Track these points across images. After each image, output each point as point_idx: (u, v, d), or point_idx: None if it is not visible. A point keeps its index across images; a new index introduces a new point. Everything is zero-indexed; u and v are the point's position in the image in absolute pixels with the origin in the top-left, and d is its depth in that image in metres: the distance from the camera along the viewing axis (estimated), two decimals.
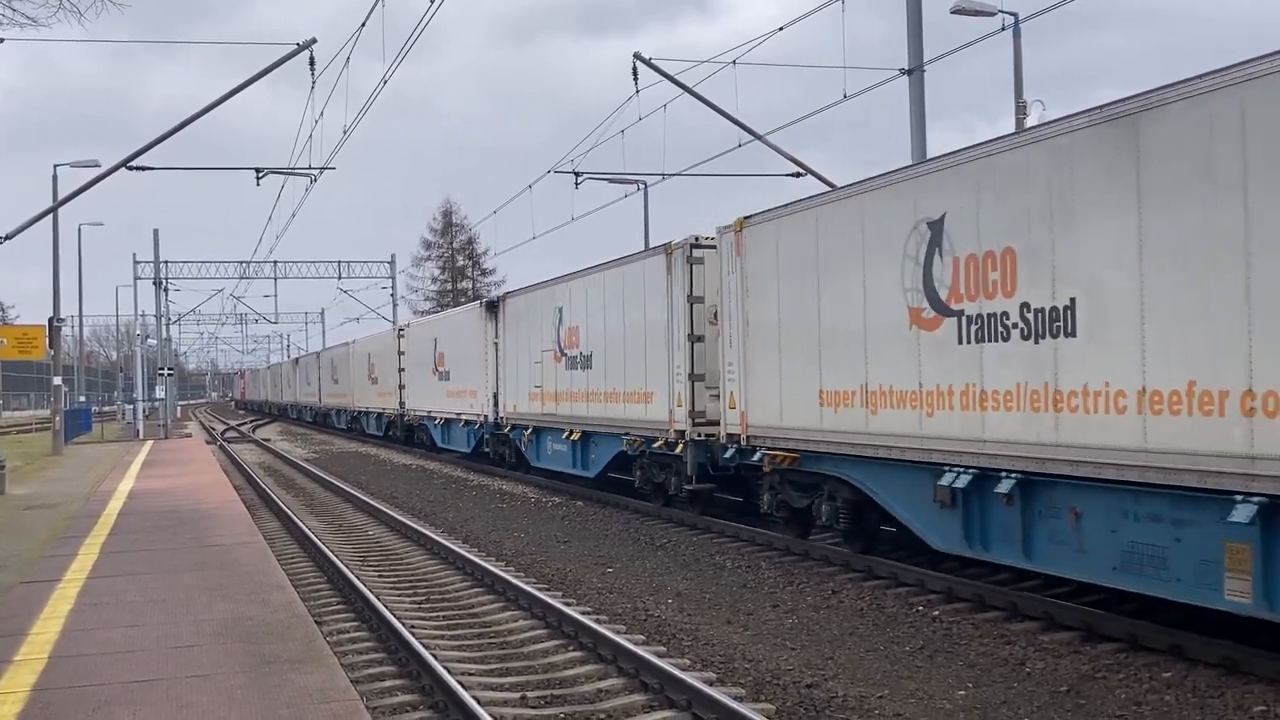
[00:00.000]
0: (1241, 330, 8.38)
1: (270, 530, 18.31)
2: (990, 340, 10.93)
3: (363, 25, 18.84)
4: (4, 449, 24.77)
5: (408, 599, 13.08)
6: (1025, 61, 19.48)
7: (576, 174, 28.31)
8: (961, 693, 8.84)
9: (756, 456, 15.32)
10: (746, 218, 15.45)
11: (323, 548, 15.64)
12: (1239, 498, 8.41)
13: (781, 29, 19.20)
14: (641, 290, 19.20)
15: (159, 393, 56.40)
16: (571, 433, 22.65)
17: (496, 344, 27.86)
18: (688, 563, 15.01)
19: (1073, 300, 9.95)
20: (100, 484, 22.95)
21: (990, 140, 11.19)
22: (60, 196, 30.85)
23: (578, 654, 10.13)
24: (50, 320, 36.10)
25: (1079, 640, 10.16)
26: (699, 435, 17.51)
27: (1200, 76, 8.77)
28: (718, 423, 16.54)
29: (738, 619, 11.62)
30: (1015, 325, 10.58)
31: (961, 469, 11.41)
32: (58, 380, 38.11)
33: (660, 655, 9.65)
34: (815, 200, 14.28)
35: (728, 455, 16.19)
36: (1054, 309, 10.13)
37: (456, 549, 15.63)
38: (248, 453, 41.29)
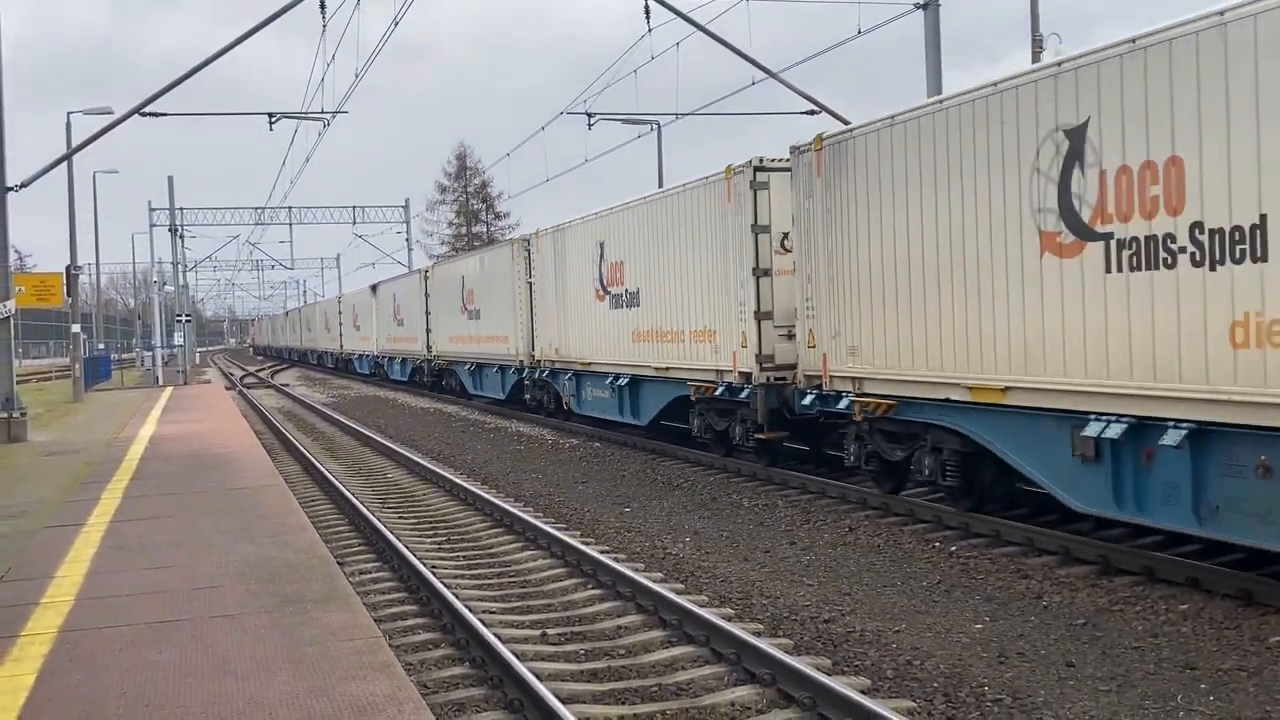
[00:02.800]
0: None
1: (291, 474, 18.45)
2: None
3: None
4: (25, 396, 24.92)
5: (428, 540, 13.20)
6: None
7: (589, 114, 28.11)
8: (979, 626, 8.90)
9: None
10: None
11: (343, 490, 15.77)
12: None
13: None
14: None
15: (177, 339, 56.64)
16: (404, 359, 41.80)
17: (375, 311, 46.60)
18: (705, 502, 15.09)
19: None
20: (121, 430, 23.11)
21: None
22: (73, 145, 30.78)
23: (596, 592, 10.22)
24: (68, 268, 36.13)
25: (1096, 574, 10.19)
26: None
27: None
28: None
29: (755, 556, 11.70)
30: None
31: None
32: (76, 328, 38.27)
33: (678, 592, 9.73)
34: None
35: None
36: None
37: (476, 490, 15.74)
38: (267, 398, 41.50)
